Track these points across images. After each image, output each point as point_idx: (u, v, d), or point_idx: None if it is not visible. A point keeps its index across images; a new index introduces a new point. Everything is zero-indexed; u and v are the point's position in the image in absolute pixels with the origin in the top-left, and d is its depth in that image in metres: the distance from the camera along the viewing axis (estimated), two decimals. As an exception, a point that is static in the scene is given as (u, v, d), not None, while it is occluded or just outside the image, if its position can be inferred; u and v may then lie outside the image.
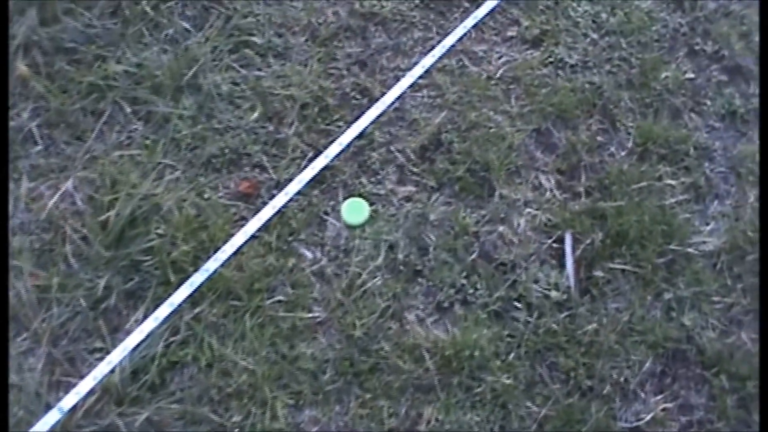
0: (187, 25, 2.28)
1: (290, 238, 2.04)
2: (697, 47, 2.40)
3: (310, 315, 1.95)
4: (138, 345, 1.87)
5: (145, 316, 1.90)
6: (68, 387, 1.83)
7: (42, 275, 1.93)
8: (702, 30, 2.43)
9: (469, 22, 2.35)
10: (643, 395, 1.92)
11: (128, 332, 1.88)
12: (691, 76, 2.34)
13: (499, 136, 2.18)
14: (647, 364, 1.95)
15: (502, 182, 2.12)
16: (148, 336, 1.88)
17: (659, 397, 1.93)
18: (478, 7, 2.40)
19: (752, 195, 2.19)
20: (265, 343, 1.90)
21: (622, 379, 1.92)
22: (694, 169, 2.19)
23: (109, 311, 1.92)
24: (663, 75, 2.31)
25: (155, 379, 1.85)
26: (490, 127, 2.19)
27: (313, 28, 2.34)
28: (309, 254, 2.02)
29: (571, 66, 2.32)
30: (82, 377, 1.84)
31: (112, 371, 1.84)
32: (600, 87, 2.28)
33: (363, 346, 1.92)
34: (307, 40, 2.32)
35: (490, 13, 2.36)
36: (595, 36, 2.39)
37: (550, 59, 2.33)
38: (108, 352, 1.86)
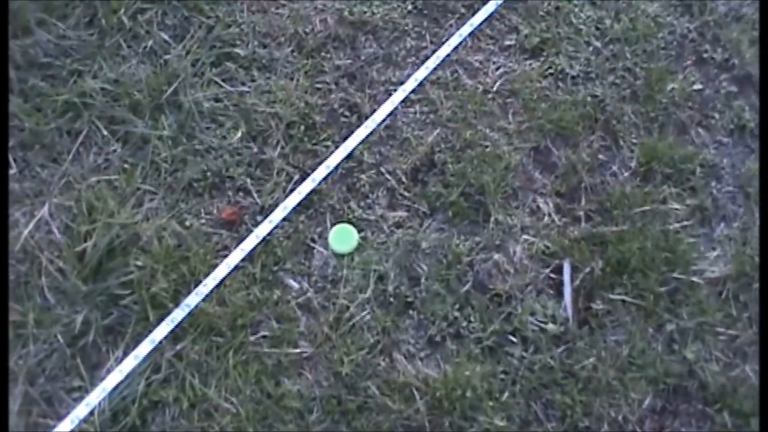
0: (166, 36, 2.25)
1: (275, 268, 2.03)
2: (705, 55, 2.36)
3: (296, 350, 1.94)
4: (118, 385, 1.85)
5: (125, 354, 1.90)
6: (46, 429, 1.82)
7: (18, 309, 1.92)
8: (711, 36, 2.38)
9: (465, 29, 2.30)
10: (641, 434, 1.91)
11: (108, 370, 1.88)
12: (699, 87, 2.30)
13: (496, 156, 2.15)
14: (647, 401, 1.94)
15: (498, 206, 2.10)
16: (128, 375, 1.86)
17: (659, 435, 1.92)
18: (474, 13, 2.36)
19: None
20: (250, 381, 1.90)
21: (620, 417, 1.92)
22: (701, 190, 2.16)
23: (88, 348, 1.92)
24: (669, 86, 2.27)
25: (136, 421, 1.85)
26: (486, 146, 2.16)
27: (299, 38, 2.30)
28: (295, 284, 2.01)
29: (573, 77, 2.28)
30: (60, 419, 1.84)
31: (91, 413, 1.83)
32: (602, 100, 2.25)
33: (351, 384, 1.91)
34: (293, 51, 2.29)
35: (487, 20, 2.32)
36: (598, 44, 2.34)
37: (550, 70, 2.29)
38: (87, 391, 1.86)
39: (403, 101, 2.21)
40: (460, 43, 2.29)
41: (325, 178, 2.11)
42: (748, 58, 2.36)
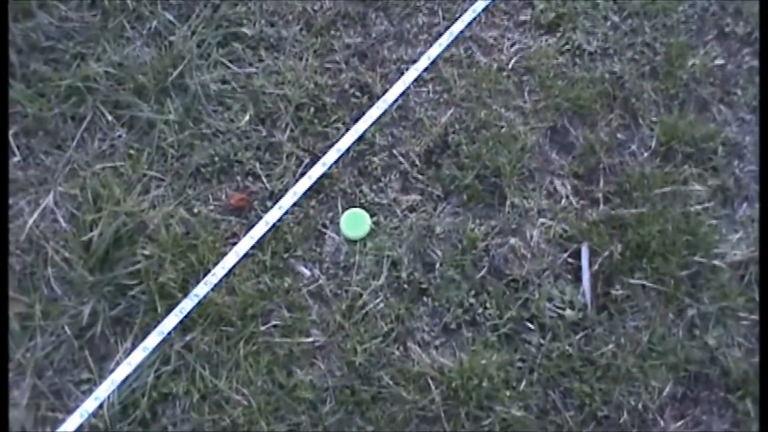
0: (171, 17, 2.21)
1: (286, 255, 2.00)
2: (727, 29, 2.30)
3: (308, 339, 1.92)
4: (126, 378, 1.84)
5: (134, 345, 1.88)
6: (55, 423, 1.82)
7: (24, 301, 1.90)
8: (733, 9, 2.32)
9: (479, 5, 2.25)
10: (662, 422, 1.89)
11: (117, 362, 1.87)
12: (721, 62, 2.24)
13: (511, 136, 2.10)
14: (667, 388, 1.92)
15: (514, 189, 2.06)
16: (137, 368, 1.85)
17: (679, 423, 1.90)
18: (487, -11, 2.29)
19: (785, 196, 2.10)
20: (261, 372, 1.88)
21: (640, 405, 1.89)
22: (723, 169, 2.11)
23: (96, 340, 1.91)
24: (690, 62, 2.22)
25: (146, 414, 1.84)
26: (501, 127, 2.12)
27: (308, 15, 2.26)
28: (306, 272, 1.98)
29: (590, 54, 2.23)
30: (69, 412, 1.83)
31: (100, 406, 1.82)
32: (621, 77, 2.20)
33: (364, 374, 1.89)
34: (302, 29, 2.24)
35: (501, -6, 2.26)
36: (616, 19, 2.28)
37: (567, 46, 2.24)
38: (96, 384, 1.85)
39: (415, 80, 2.16)
40: (474, 19, 2.24)
41: (335, 162, 2.07)
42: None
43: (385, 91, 2.14)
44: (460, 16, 2.25)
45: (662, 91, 2.20)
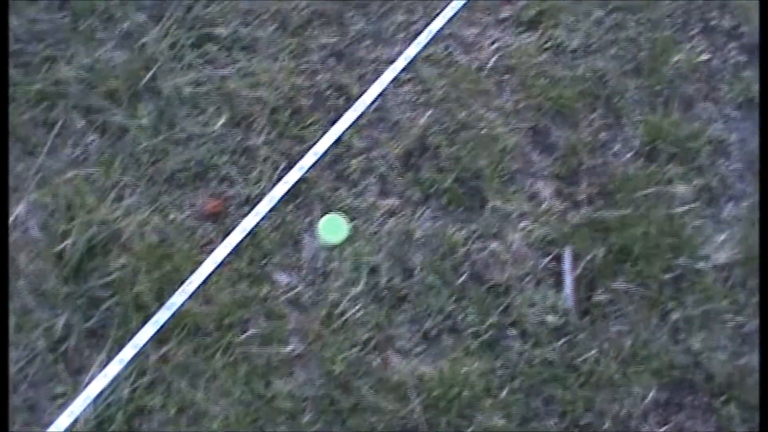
0: (143, 17, 2.16)
1: (263, 262, 1.98)
2: (713, 23, 2.26)
3: (287, 349, 1.92)
4: (102, 391, 1.83)
5: (109, 358, 1.87)
6: (30, 439, 1.80)
7: (-4, 313, 1.88)
8: (719, 2, 2.28)
9: (456, 3, 2.20)
10: (645, 428, 1.88)
11: (92, 375, 1.85)
12: (706, 57, 2.22)
13: (491, 138, 2.09)
14: (651, 394, 1.92)
15: (495, 192, 2.05)
16: (112, 381, 1.83)
17: (663, 429, 1.91)
18: (467, -16, 2.26)
19: (770, 195, 2.09)
20: (239, 383, 1.87)
21: (623, 412, 1.89)
22: (707, 169, 2.11)
23: (70, 353, 1.89)
24: (675, 58, 2.20)
25: (122, 429, 1.81)
26: (482, 128, 2.10)
27: (283, 14, 2.22)
28: (284, 279, 1.97)
29: (572, 51, 2.21)
30: (45, 426, 1.81)
31: (75, 422, 1.80)
32: (604, 75, 2.18)
33: (344, 383, 1.89)
34: (277, 29, 2.22)
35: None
36: (600, 13, 2.25)
37: (549, 43, 2.21)
38: (71, 398, 1.82)
39: (393, 81, 2.13)
40: (453, 16, 2.20)
41: (312, 166, 2.05)
42: (758, 25, 2.26)
43: (362, 93, 2.12)
44: (439, 13, 2.21)
45: (646, 89, 2.19)
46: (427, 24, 2.22)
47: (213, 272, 1.95)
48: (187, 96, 2.12)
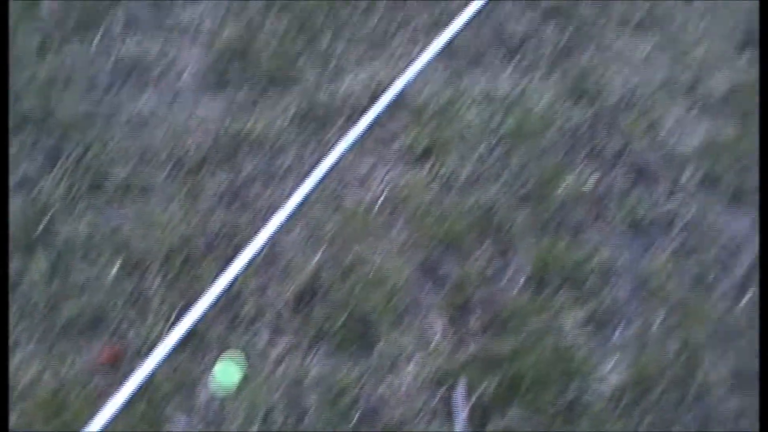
0: (38, 163, 2.21)
1: (162, 406, 1.99)
2: (599, 146, 2.34)
3: (184, 495, 1.91)
4: None
5: None
6: None
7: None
8: (605, 124, 2.37)
9: (349, 138, 2.27)
10: None
11: None
12: (593, 181, 2.29)
13: (383, 274, 2.14)
14: None
15: (387, 328, 2.10)
16: None
17: None
18: (357, 120, 2.33)
19: (660, 315, 2.15)
20: None
21: None
22: (597, 293, 2.16)
23: None
24: (563, 184, 2.26)
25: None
26: (373, 265, 2.14)
27: (178, 155, 2.27)
28: (182, 423, 1.99)
29: (462, 182, 2.26)
30: None
31: None
32: (493, 207, 2.24)
33: None
34: (172, 169, 2.26)
35: (372, 126, 2.29)
36: (492, 140, 2.32)
37: (439, 175, 2.27)
38: None
39: (284, 222, 2.18)
40: (344, 154, 2.27)
41: (207, 310, 2.08)
42: (644, 146, 2.35)
43: (254, 234, 2.17)
44: (331, 150, 2.28)
45: (536, 217, 2.25)
46: (319, 160, 2.27)
47: (110, 421, 1.97)
48: (82, 242, 2.16)
